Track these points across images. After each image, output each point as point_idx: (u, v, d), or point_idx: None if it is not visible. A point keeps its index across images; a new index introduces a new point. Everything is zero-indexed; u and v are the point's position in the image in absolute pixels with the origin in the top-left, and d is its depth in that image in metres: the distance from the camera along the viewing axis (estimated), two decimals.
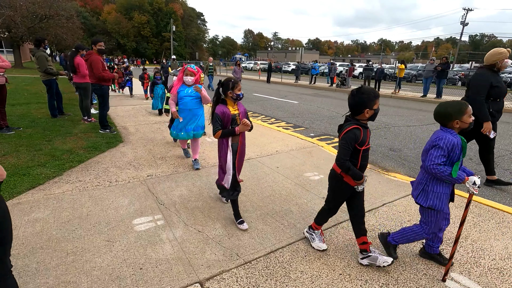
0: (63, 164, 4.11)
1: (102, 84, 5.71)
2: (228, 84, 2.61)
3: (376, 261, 2.26)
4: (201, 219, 2.92)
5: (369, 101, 2.09)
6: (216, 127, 2.61)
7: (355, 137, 2.09)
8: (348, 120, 2.23)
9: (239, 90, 2.65)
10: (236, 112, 2.68)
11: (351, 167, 2.12)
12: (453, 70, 23.65)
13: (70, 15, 26.95)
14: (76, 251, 2.36)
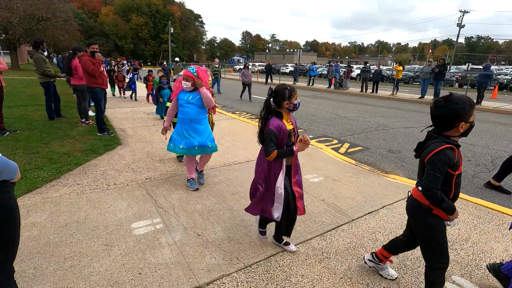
0: (60, 167, 4.07)
1: (93, 87, 5.67)
2: (284, 92, 2.14)
3: (382, 270, 2.22)
4: (201, 222, 2.90)
5: (465, 112, 1.63)
6: (270, 146, 2.12)
7: (448, 160, 1.63)
8: (433, 137, 1.77)
9: (296, 99, 2.20)
10: (291, 126, 2.25)
11: (445, 198, 1.68)
12: (450, 72, 23.80)
13: (67, 17, 26.89)
14: (74, 256, 2.33)
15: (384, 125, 8.24)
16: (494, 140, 6.80)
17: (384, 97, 14.67)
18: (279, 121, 2.18)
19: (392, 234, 2.80)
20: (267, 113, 2.24)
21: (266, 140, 2.16)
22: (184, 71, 3.27)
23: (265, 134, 2.18)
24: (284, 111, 2.21)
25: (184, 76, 3.28)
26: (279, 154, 2.15)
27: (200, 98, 3.35)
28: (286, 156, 2.20)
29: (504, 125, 8.66)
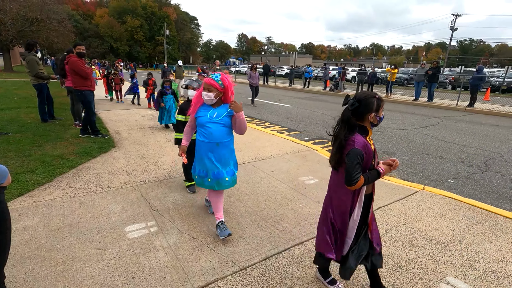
0: (53, 170, 4.01)
1: (83, 89, 5.53)
2: (372, 102, 1.73)
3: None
4: (196, 225, 2.88)
5: None
6: (357, 172, 1.69)
7: None
8: None
9: (383, 111, 1.82)
10: (373, 145, 1.85)
11: None
12: (444, 74, 24.10)
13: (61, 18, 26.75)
14: (66, 260, 2.29)
15: (379, 127, 8.28)
16: (486, 141, 6.89)
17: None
18: (363, 139, 1.76)
19: (387, 235, 2.81)
20: (348, 127, 1.77)
21: (349, 163, 1.69)
22: (205, 79, 2.52)
23: (348, 155, 1.71)
24: (367, 124, 1.81)
25: (206, 85, 2.46)
26: (366, 180, 1.73)
27: (228, 116, 2.53)
28: (372, 182, 1.81)
29: (497, 126, 8.78)
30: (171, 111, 6.84)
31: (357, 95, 1.79)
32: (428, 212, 3.30)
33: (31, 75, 6.47)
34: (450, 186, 4.24)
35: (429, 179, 4.48)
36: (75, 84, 5.52)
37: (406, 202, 3.53)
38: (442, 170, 4.90)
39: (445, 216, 3.21)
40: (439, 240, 2.76)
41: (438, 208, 3.40)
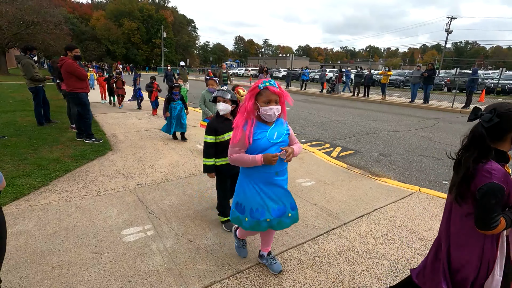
0: (49, 174, 4.00)
1: (80, 92, 5.49)
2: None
3: None
4: (192, 228, 2.88)
5: None
6: (496, 213, 1.26)
7: None
8: None
9: None
10: None
11: None
12: (439, 76, 24.29)
13: (58, 21, 26.65)
14: (62, 264, 2.28)
15: (375, 128, 8.34)
16: None
17: (375, 101, 14.87)
18: (503, 169, 1.31)
19: (383, 237, 2.83)
20: (480, 152, 1.32)
21: (485, 203, 1.27)
22: (271, 87, 1.83)
23: (481, 190, 1.27)
24: (505, 148, 1.35)
25: (272, 96, 1.83)
26: (508, 223, 1.27)
27: (287, 134, 2.03)
28: None
29: None
30: (180, 118, 6.13)
31: (497, 107, 1.32)
32: (424, 214, 3.32)
33: (26, 78, 6.45)
34: (445, 187, 4.28)
35: (425, 181, 4.51)
36: (70, 86, 5.43)
37: (402, 204, 3.56)
38: (437, 171, 4.94)
39: (440, 217, 3.23)
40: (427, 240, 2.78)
41: (434, 209, 3.43)
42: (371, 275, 2.31)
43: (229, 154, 1.97)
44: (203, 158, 2.72)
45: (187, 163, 4.78)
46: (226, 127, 2.66)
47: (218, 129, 2.66)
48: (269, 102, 1.85)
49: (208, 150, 2.71)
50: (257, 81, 1.91)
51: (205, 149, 2.71)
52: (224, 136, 2.67)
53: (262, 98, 1.85)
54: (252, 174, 1.98)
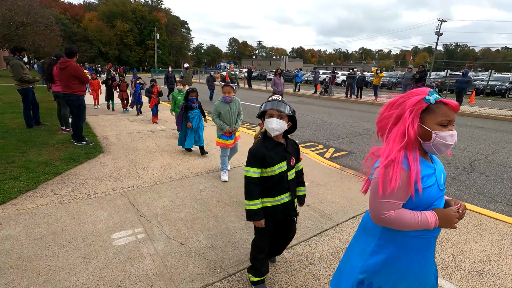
0: (38, 177, 3.91)
1: (79, 94, 5.46)
2: None
3: None
4: (184, 231, 2.84)
5: None
6: None
7: None
8: None
9: None
10: None
11: None
12: (430, 78, 24.66)
13: (48, 22, 26.30)
14: (49, 269, 2.22)
15: (368, 129, 8.40)
16: (472, 143, 7.06)
17: (368, 103, 15.00)
18: None
19: None
20: None
21: None
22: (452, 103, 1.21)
23: None
24: None
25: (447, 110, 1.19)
26: None
27: None
28: None
29: (481, 128, 9.01)
30: (198, 129, 5.24)
31: None
32: None
33: (15, 79, 6.33)
34: None
35: None
36: (71, 89, 5.36)
37: None
38: None
39: None
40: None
41: None
42: None
43: (378, 209, 1.24)
44: (245, 200, 1.94)
45: (179, 165, 4.74)
46: (278, 155, 1.92)
47: (267, 158, 1.89)
48: (447, 125, 1.19)
49: (252, 188, 1.92)
50: (412, 91, 1.28)
51: (248, 187, 1.93)
52: (274, 169, 1.91)
53: (435, 118, 1.18)
54: (403, 240, 1.29)
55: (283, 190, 1.97)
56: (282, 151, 1.95)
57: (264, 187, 1.95)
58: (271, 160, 1.90)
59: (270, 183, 1.94)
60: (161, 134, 6.84)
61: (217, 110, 3.97)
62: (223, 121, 4.00)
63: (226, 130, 3.99)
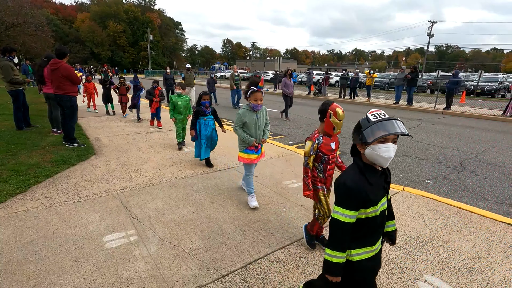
0: (28, 180, 3.85)
1: (72, 95, 5.41)
2: None
3: None
4: (177, 232, 2.83)
5: None
6: None
7: None
8: None
9: None
10: None
11: None
12: (422, 79, 25.00)
13: (39, 23, 25.94)
14: (39, 273, 2.19)
15: None
16: (462, 142, 7.17)
17: (361, 103, 15.13)
18: None
19: None
20: None
21: None
22: None
23: None
24: None
25: None
26: None
27: None
28: None
29: (472, 128, 9.16)
30: (213, 141, 4.71)
31: None
32: (408, 212, 3.38)
33: (5, 81, 6.23)
34: (428, 186, 4.38)
35: (408, 180, 4.61)
36: (63, 90, 5.29)
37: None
38: (420, 171, 5.06)
39: (423, 216, 3.31)
40: (417, 239, 2.84)
41: (417, 208, 3.50)
42: None
43: None
44: (328, 249, 1.48)
45: (173, 166, 4.71)
46: (380, 189, 1.46)
47: (370, 195, 1.40)
48: None
49: (343, 237, 1.45)
50: None
51: (337, 234, 1.46)
52: (377, 208, 1.44)
53: None
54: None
55: (381, 233, 1.57)
56: (383, 183, 1.49)
57: (361, 233, 1.47)
58: (376, 197, 1.42)
59: (368, 227, 1.47)
60: (154, 135, 6.80)
61: (241, 120, 3.29)
62: (247, 132, 3.32)
63: (251, 142, 3.29)
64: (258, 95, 3.19)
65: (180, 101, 5.55)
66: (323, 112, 2.34)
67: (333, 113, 2.25)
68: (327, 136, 2.41)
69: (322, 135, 2.41)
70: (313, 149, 2.38)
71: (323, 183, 2.50)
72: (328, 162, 2.45)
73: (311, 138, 2.42)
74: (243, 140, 3.34)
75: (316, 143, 2.38)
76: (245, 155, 3.38)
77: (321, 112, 2.36)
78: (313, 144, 2.38)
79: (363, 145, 1.44)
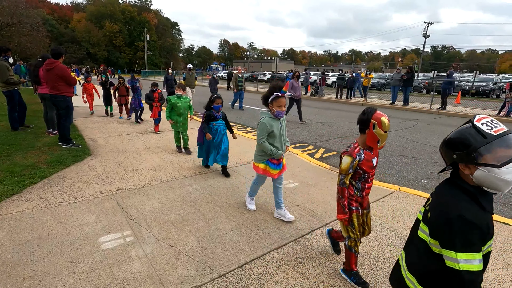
0: (23, 181, 3.82)
1: (67, 96, 5.38)
2: None
3: None
4: (174, 233, 2.82)
5: None
6: None
7: None
8: None
9: None
10: None
11: None
12: (418, 79, 25.17)
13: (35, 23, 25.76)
14: (34, 275, 2.18)
15: (357, 129, 8.50)
16: None
17: (357, 103, 15.20)
18: None
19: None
20: None
21: None
22: None
23: None
24: None
25: None
26: None
27: None
28: None
29: None
30: (221, 143, 4.35)
31: None
32: (403, 212, 3.41)
33: (0, 81, 6.17)
34: (423, 186, 4.41)
35: (404, 180, 4.64)
36: (60, 90, 5.25)
37: (383, 203, 3.64)
38: (416, 171, 5.09)
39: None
40: None
41: (412, 207, 3.52)
42: None
43: None
44: None
45: (169, 167, 4.70)
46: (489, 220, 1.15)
47: (490, 225, 1.13)
48: None
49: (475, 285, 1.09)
50: None
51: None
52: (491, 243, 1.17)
53: None
54: None
55: None
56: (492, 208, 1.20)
57: None
58: (491, 229, 1.13)
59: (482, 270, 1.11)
60: (151, 136, 6.78)
61: (266, 130, 2.89)
62: (274, 144, 2.96)
63: (279, 156, 2.99)
64: (283, 101, 2.85)
65: (180, 103, 5.32)
66: (364, 122, 2.00)
67: (378, 123, 1.92)
68: (368, 150, 2.06)
69: (363, 149, 2.05)
70: (353, 166, 2.02)
71: (359, 202, 2.16)
72: (367, 180, 2.12)
73: (350, 153, 2.03)
74: (269, 153, 2.95)
75: (357, 159, 2.01)
76: (267, 168, 3.02)
77: (362, 122, 2.02)
78: (353, 160, 2.01)
79: (473, 165, 1.10)
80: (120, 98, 8.52)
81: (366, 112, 2.01)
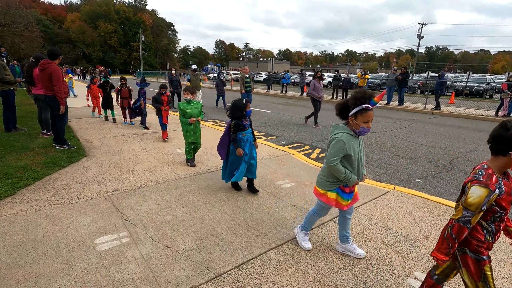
0: (17, 182, 3.78)
1: (63, 96, 5.35)
2: None
3: None
4: (170, 233, 2.82)
5: None
6: None
7: None
8: None
9: None
10: None
11: None
12: (413, 80, 25.39)
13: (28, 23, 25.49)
14: (29, 277, 2.16)
15: None
16: (451, 142, 7.32)
17: None
18: None
19: (359, 235, 2.90)
20: None
21: None
22: None
23: None
24: None
25: None
26: None
27: None
28: None
29: (461, 128, 9.36)
30: (252, 157, 3.81)
31: None
32: (398, 211, 3.44)
33: None
34: (418, 185, 4.46)
35: (399, 179, 4.68)
36: (52, 90, 5.18)
37: (378, 202, 3.67)
38: (411, 170, 5.14)
39: (414, 214, 3.37)
40: (408, 237, 2.89)
41: (407, 206, 3.56)
42: (348, 272, 2.36)
43: None
44: None
45: (165, 167, 4.69)
46: None
47: None
48: None
49: None
50: None
51: None
52: None
53: None
54: None
55: None
56: None
57: None
58: None
59: None
60: (146, 136, 6.75)
61: (344, 151, 2.26)
62: (347, 165, 2.33)
63: (353, 182, 2.35)
64: (371, 115, 2.28)
65: (189, 108, 4.58)
66: (504, 140, 1.42)
67: None
68: (506, 179, 1.51)
69: (501, 178, 1.48)
70: (488, 201, 1.44)
71: (489, 249, 1.61)
72: (502, 220, 1.55)
73: (486, 183, 1.44)
74: (343, 178, 2.31)
75: (496, 192, 1.43)
76: (338, 199, 2.43)
77: (499, 140, 1.45)
78: (491, 194, 1.43)
79: None
80: (122, 101, 7.75)
81: (505, 127, 1.42)
